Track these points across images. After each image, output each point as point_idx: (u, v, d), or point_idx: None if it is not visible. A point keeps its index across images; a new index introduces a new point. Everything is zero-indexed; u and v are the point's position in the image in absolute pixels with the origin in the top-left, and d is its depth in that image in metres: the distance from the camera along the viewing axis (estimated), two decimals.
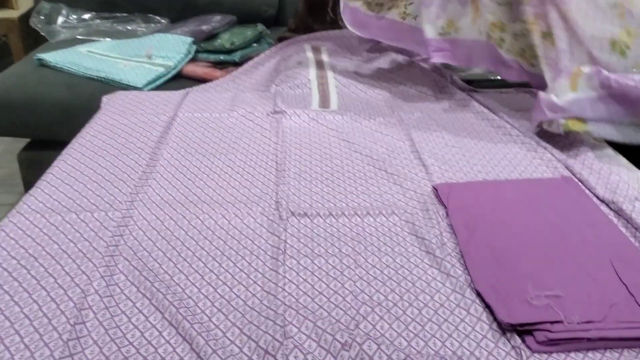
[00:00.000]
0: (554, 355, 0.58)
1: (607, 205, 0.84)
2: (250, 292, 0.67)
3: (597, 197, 0.86)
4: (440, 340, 0.60)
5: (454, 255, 0.74)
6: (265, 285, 0.68)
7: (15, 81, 1.53)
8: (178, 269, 0.70)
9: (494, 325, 0.62)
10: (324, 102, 1.20)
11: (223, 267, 0.71)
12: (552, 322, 0.60)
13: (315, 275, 0.70)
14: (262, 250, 0.74)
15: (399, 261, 0.73)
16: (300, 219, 0.80)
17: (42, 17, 1.81)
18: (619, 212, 0.82)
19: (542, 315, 0.61)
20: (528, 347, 0.59)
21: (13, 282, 0.67)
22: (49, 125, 1.50)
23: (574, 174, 0.92)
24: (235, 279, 0.69)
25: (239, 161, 0.97)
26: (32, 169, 1.57)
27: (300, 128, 1.10)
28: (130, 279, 0.68)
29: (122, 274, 0.69)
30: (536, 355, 0.58)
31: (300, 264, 0.72)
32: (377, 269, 0.71)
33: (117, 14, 1.79)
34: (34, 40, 2.02)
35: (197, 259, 0.72)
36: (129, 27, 1.73)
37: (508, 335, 0.61)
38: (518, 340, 0.60)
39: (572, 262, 0.70)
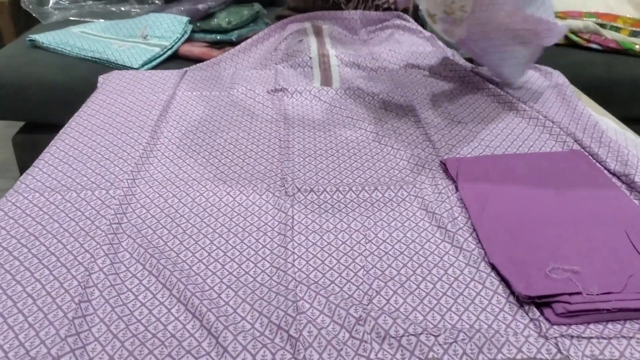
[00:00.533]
0: (574, 327, 0.57)
1: (619, 177, 0.83)
2: (259, 269, 0.65)
3: (608, 170, 0.85)
4: (457, 314, 0.59)
5: (465, 229, 0.72)
6: (274, 261, 0.66)
7: (7, 63, 1.49)
8: (184, 246, 0.68)
9: (511, 298, 0.61)
10: (326, 81, 1.18)
11: (230, 244, 0.69)
12: (570, 294, 0.59)
13: (325, 251, 0.68)
14: (269, 226, 0.72)
15: (410, 236, 0.71)
16: (307, 195, 0.78)
17: None
18: (631, 185, 0.81)
19: (560, 287, 0.59)
20: (547, 319, 0.58)
21: (14, 261, 0.65)
22: (43, 107, 1.46)
23: (583, 148, 0.91)
24: (243, 256, 0.67)
25: (241, 139, 0.94)
26: (27, 153, 1.54)
27: (303, 105, 1.07)
28: (135, 257, 0.66)
29: (127, 252, 0.67)
30: (555, 327, 0.57)
31: (309, 240, 0.70)
32: (388, 243, 0.70)
33: None
34: (24, 23, 1.98)
35: (203, 236, 0.70)
36: (122, 8, 1.69)
37: (526, 307, 0.59)
38: (536, 312, 0.58)
39: (587, 233, 0.68)
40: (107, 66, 1.42)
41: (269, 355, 0.53)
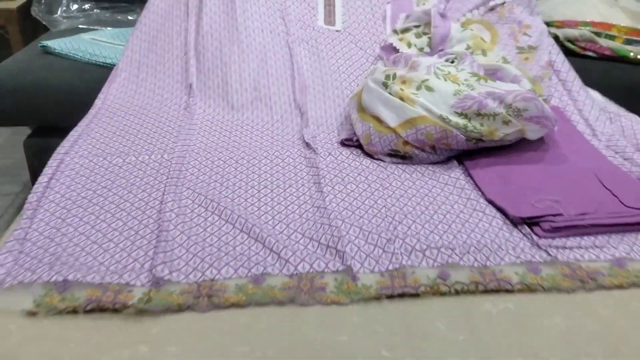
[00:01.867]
0: (557, 239, 0.72)
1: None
2: (303, 209, 0.79)
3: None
4: (466, 234, 0.74)
5: (463, 177, 0.87)
6: (314, 203, 0.80)
7: (20, 67, 1.53)
8: (236, 194, 0.82)
9: (507, 222, 0.76)
10: (329, 20, 1.28)
11: (274, 193, 0.82)
12: (554, 215, 0.74)
13: (351, 196, 0.82)
14: (305, 180, 0.86)
15: (418, 184, 0.86)
16: (332, 152, 0.94)
17: (43, 7, 1.85)
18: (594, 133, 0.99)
19: (545, 210, 0.75)
20: (536, 234, 0.73)
21: (94, 206, 0.77)
22: (56, 111, 1.49)
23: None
24: (288, 200, 0.81)
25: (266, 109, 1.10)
26: (38, 156, 1.56)
27: (311, 51, 1.21)
28: (197, 202, 0.79)
29: (189, 199, 0.80)
30: (543, 240, 0.72)
31: (336, 189, 0.83)
32: (401, 190, 0.84)
33: (117, 4, 1.85)
34: (32, 31, 2.07)
35: (251, 187, 0.84)
36: (129, 17, 1.80)
37: (519, 227, 0.75)
38: (528, 230, 0.74)
39: (565, 176, 0.84)
40: None
41: (322, 264, 0.67)
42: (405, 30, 1.24)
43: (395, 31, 1.25)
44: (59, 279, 0.62)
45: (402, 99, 0.92)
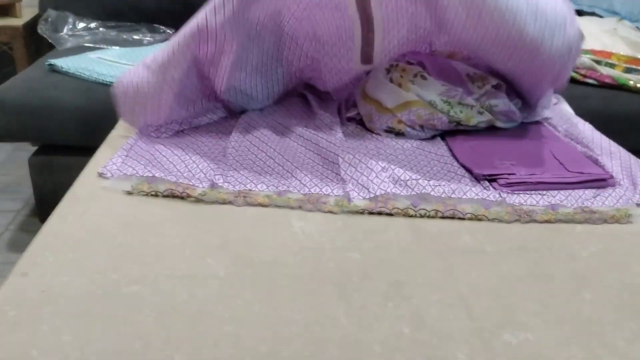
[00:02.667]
0: (511, 194, 0.95)
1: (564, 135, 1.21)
2: (323, 159, 1.04)
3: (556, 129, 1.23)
4: (442, 185, 0.96)
5: (444, 149, 1.12)
6: (329, 156, 1.04)
7: (27, 86, 1.58)
8: (279, 141, 1.09)
9: (472, 179, 1.00)
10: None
11: (306, 147, 1.09)
12: (509, 174, 0.97)
13: (353, 152, 1.04)
14: (323, 142, 1.09)
15: (407, 152, 1.10)
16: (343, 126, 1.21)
17: (49, 25, 1.95)
18: (571, 138, 1.19)
19: (502, 169, 0.98)
20: (494, 187, 0.96)
21: (179, 139, 1.10)
22: (62, 130, 1.55)
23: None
24: (314, 152, 1.07)
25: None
26: (43, 174, 1.61)
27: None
28: (253, 143, 1.08)
29: (247, 140, 1.09)
30: (499, 192, 0.95)
31: (341, 148, 1.06)
32: (393, 155, 1.08)
33: (123, 24, 1.94)
34: (36, 48, 2.11)
35: (292, 140, 1.11)
36: (134, 37, 1.89)
37: (481, 182, 0.99)
38: (487, 184, 0.98)
39: (524, 149, 1.08)
40: None
41: (329, 189, 0.94)
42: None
43: None
44: (149, 175, 0.93)
45: (400, 85, 1.16)
